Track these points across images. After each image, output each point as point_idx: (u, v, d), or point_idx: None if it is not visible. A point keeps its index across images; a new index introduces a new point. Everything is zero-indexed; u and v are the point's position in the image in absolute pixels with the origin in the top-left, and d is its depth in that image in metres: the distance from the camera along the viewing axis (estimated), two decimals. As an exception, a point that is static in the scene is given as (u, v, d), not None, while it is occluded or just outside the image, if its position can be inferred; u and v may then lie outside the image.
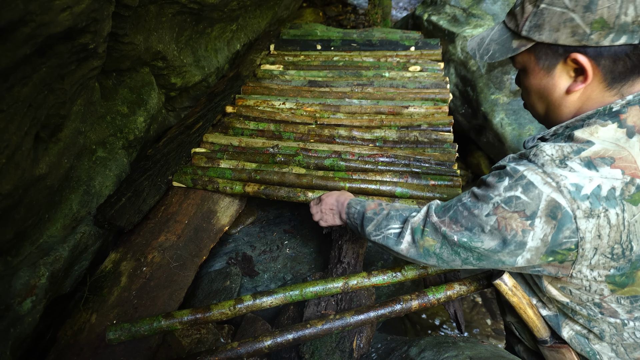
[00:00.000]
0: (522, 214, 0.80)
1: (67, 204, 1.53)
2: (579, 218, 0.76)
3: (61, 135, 1.36)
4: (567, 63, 0.82)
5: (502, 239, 0.84)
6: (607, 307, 0.89)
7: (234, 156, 1.87)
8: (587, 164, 0.78)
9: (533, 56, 0.86)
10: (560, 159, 0.80)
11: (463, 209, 0.91)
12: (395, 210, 1.11)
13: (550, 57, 0.83)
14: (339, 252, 1.66)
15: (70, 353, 1.26)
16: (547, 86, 0.87)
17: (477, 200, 0.88)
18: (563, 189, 0.77)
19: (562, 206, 0.77)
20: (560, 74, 0.84)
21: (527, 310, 1.03)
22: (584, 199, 0.76)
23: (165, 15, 1.98)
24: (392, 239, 1.05)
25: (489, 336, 2.44)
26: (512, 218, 0.81)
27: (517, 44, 0.87)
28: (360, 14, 4.74)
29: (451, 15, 3.33)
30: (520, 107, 3.04)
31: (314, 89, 2.35)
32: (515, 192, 0.81)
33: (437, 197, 1.63)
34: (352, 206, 1.24)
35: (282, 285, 1.89)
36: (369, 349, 1.42)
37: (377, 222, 1.11)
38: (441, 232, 0.93)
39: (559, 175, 0.78)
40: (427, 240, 0.97)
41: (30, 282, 1.30)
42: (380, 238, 1.08)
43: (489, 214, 0.84)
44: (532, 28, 0.82)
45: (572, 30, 0.78)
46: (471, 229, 0.88)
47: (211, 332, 1.51)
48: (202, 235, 1.67)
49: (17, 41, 0.91)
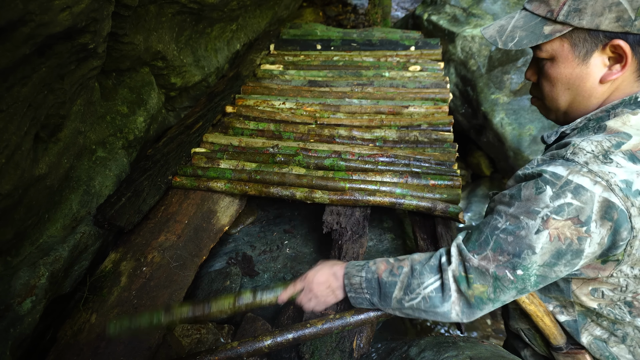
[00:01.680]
0: (575, 221, 0.74)
1: (67, 204, 1.53)
2: (634, 216, 0.72)
3: (61, 135, 1.36)
4: (605, 50, 0.78)
5: (556, 251, 0.76)
6: (638, 306, 0.85)
7: (234, 156, 1.87)
8: (630, 157, 0.74)
9: (567, 43, 0.80)
10: (603, 154, 0.75)
11: (505, 235, 0.80)
12: (418, 263, 0.94)
13: (589, 43, 0.78)
14: (339, 252, 1.65)
15: (70, 353, 1.26)
16: (581, 75, 0.81)
17: (518, 219, 0.79)
18: (614, 187, 0.72)
19: (617, 205, 0.72)
20: (596, 62, 0.79)
21: (544, 319, 0.98)
22: (637, 195, 0.72)
23: (165, 15, 1.98)
24: (435, 297, 0.88)
25: (489, 336, 2.43)
26: (565, 227, 0.75)
27: (551, 29, 0.80)
28: (360, 14, 4.74)
29: (451, 15, 3.33)
30: (520, 106, 3.03)
31: (314, 88, 2.35)
32: (565, 199, 0.74)
33: (437, 197, 1.63)
34: (353, 275, 1.00)
35: (282, 285, 1.89)
36: (369, 349, 1.42)
37: (403, 283, 0.93)
38: (490, 273, 0.82)
39: (608, 172, 0.73)
40: (476, 288, 0.84)
41: (30, 282, 1.30)
42: (419, 301, 0.90)
43: (539, 231, 0.76)
44: (570, 12, 0.77)
45: (617, 15, 0.74)
46: (520, 255, 0.78)
47: (211, 332, 1.51)
48: (202, 235, 1.67)
49: (16, 41, 0.91)
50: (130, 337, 1.31)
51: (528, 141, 2.98)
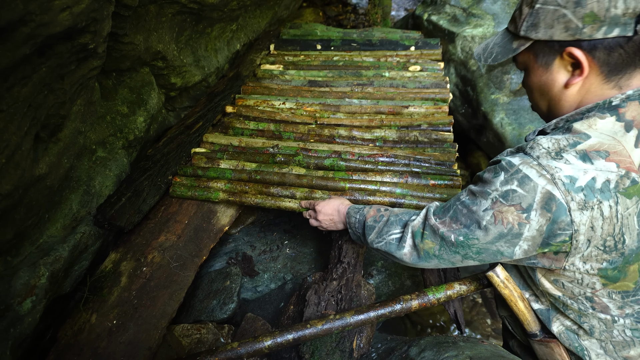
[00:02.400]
0: (518, 207, 0.82)
1: (67, 204, 1.53)
2: (573, 210, 0.78)
3: (61, 135, 1.36)
4: (564, 58, 0.84)
5: (498, 233, 0.86)
6: (599, 302, 0.90)
7: (234, 156, 1.87)
8: (582, 156, 0.79)
9: (532, 54, 0.90)
10: (556, 151, 0.81)
11: (462, 207, 0.93)
12: (394, 216, 1.12)
13: (548, 53, 0.87)
14: (339, 252, 1.66)
15: (70, 353, 1.26)
16: (547, 82, 0.90)
17: (475, 196, 0.90)
18: (557, 181, 0.78)
19: (557, 198, 0.78)
20: (558, 69, 0.87)
21: (518, 303, 1.04)
22: (578, 191, 0.77)
23: (165, 15, 1.98)
24: (393, 244, 1.07)
25: (489, 336, 2.44)
26: (508, 212, 0.83)
27: (517, 44, 0.90)
28: (360, 14, 4.73)
29: (451, 15, 3.33)
30: (520, 106, 3.04)
31: (314, 88, 2.34)
32: (512, 186, 0.83)
33: (437, 197, 1.63)
34: (351, 215, 1.26)
35: (282, 285, 1.89)
36: (369, 349, 1.42)
37: (378, 229, 1.13)
38: (439, 233, 0.95)
39: (554, 167, 0.79)
40: (426, 243, 0.99)
41: (30, 282, 1.30)
42: (382, 245, 1.10)
43: (487, 209, 0.86)
44: (529, 27, 0.86)
45: (565, 26, 0.81)
46: (468, 226, 0.90)
47: (211, 332, 1.51)
48: (202, 235, 1.67)
49: (16, 41, 0.91)
50: (130, 337, 1.32)
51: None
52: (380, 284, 1.90)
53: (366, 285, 1.56)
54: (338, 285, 1.52)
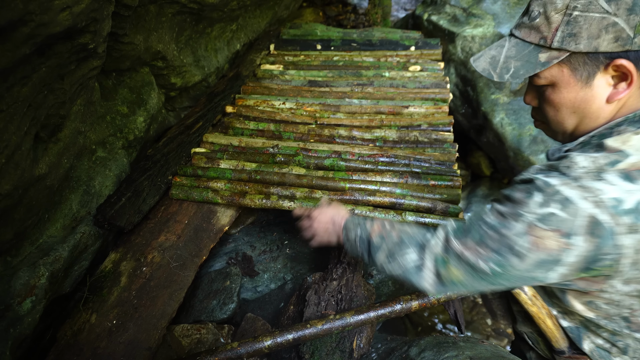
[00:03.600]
0: (560, 233, 0.74)
1: (67, 204, 1.53)
2: (620, 234, 0.72)
3: (61, 135, 1.36)
4: (608, 71, 0.77)
5: (537, 260, 0.77)
6: (636, 322, 0.86)
7: (234, 156, 1.87)
8: (624, 176, 0.73)
9: (567, 68, 0.80)
10: (596, 171, 0.75)
11: (488, 229, 0.82)
12: (405, 234, 1.00)
13: (590, 66, 0.78)
14: (339, 252, 1.66)
15: (70, 353, 1.26)
16: (586, 98, 0.81)
17: (505, 218, 0.80)
18: (602, 204, 0.72)
19: (603, 223, 0.72)
20: (600, 83, 0.79)
21: (546, 321, 0.99)
22: (625, 213, 0.72)
23: (165, 15, 1.98)
24: (411, 270, 0.94)
25: (489, 336, 2.44)
26: (548, 237, 0.75)
27: (547, 56, 0.80)
28: (360, 14, 4.73)
29: (451, 15, 3.33)
30: (520, 107, 3.03)
31: (314, 88, 2.34)
32: (551, 209, 0.74)
33: (437, 197, 1.62)
34: (350, 229, 1.12)
35: (282, 285, 1.89)
36: (369, 349, 1.42)
37: (388, 250, 1.00)
38: (465, 259, 0.85)
39: (598, 189, 0.73)
40: (452, 271, 0.87)
41: (30, 282, 1.30)
42: (396, 268, 0.97)
43: (521, 234, 0.77)
44: (565, 38, 0.77)
45: (615, 36, 0.73)
46: (499, 252, 0.80)
47: (211, 332, 1.51)
48: (202, 235, 1.67)
49: (16, 41, 0.91)
50: (130, 337, 1.32)
51: (528, 141, 2.98)
52: (380, 284, 1.90)
53: (366, 285, 1.56)
54: (338, 285, 1.52)
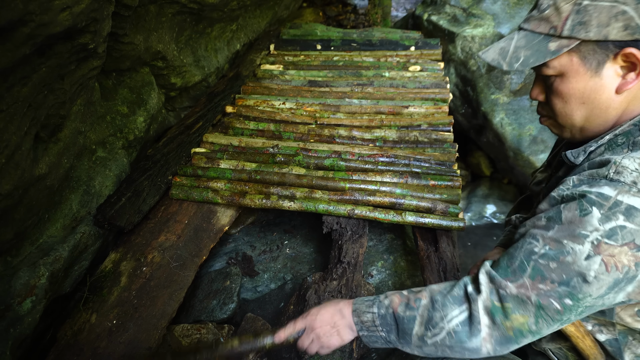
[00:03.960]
0: (632, 245, 0.69)
1: (67, 204, 1.53)
2: None
3: (61, 135, 1.36)
4: (617, 60, 0.76)
5: (614, 281, 0.71)
6: None
7: (234, 156, 1.87)
8: None
9: (577, 57, 0.79)
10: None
11: (547, 261, 0.74)
12: (439, 294, 0.85)
13: (599, 54, 0.77)
14: (339, 252, 1.66)
15: (70, 353, 1.26)
16: (595, 88, 0.79)
17: (562, 244, 0.74)
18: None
19: None
20: (609, 73, 0.78)
21: (585, 340, 0.94)
22: None
23: (165, 15, 1.98)
24: (462, 331, 0.80)
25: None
26: (621, 253, 0.70)
27: (557, 45, 0.79)
28: (360, 14, 4.73)
29: (451, 15, 3.33)
30: (520, 106, 3.03)
31: (314, 88, 2.35)
32: (617, 222, 0.70)
33: (437, 197, 1.62)
34: (363, 312, 0.90)
35: (282, 285, 1.89)
36: (369, 349, 1.42)
37: (424, 317, 0.83)
38: (532, 302, 0.75)
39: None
40: (515, 319, 0.76)
41: (30, 282, 1.30)
42: (443, 338, 0.81)
43: (590, 256, 0.71)
44: (575, 26, 0.76)
45: (625, 24, 0.72)
46: (568, 283, 0.73)
47: (211, 332, 1.51)
48: (202, 235, 1.67)
49: (16, 41, 0.91)
50: (130, 337, 1.32)
51: (528, 141, 2.98)
52: (380, 284, 1.90)
53: (366, 285, 1.56)
54: (338, 285, 1.52)
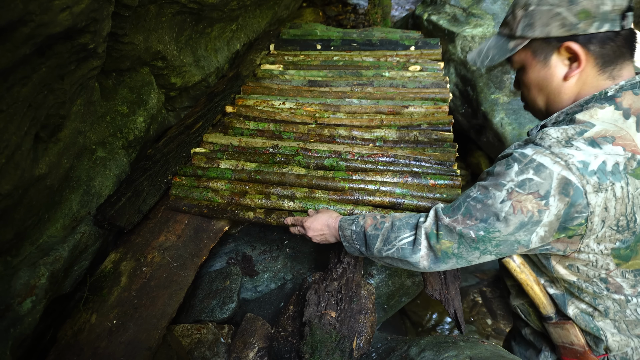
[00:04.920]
0: (536, 195, 0.84)
1: (67, 204, 1.53)
2: (589, 193, 0.81)
3: (61, 135, 1.36)
4: (561, 52, 0.91)
5: (519, 222, 0.87)
6: (613, 282, 0.93)
7: (234, 156, 1.87)
8: (590, 142, 0.83)
9: (530, 52, 0.96)
10: (566, 139, 0.85)
11: (475, 203, 0.93)
12: (398, 220, 1.10)
13: (545, 49, 0.93)
14: (339, 252, 1.66)
15: (70, 353, 1.26)
16: (546, 76, 0.95)
17: (487, 190, 0.91)
18: (572, 166, 0.82)
19: (573, 182, 0.81)
20: (556, 64, 0.93)
21: (534, 287, 1.06)
22: (592, 174, 0.81)
23: (165, 15, 1.98)
24: (407, 248, 1.04)
25: (489, 336, 2.44)
26: (527, 200, 0.85)
27: (514, 44, 0.97)
28: (360, 14, 4.73)
29: (451, 15, 3.33)
30: (520, 106, 3.04)
31: (313, 88, 2.35)
32: (528, 175, 0.85)
33: (437, 197, 1.62)
34: (345, 228, 1.20)
35: (282, 285, 1.89)
36: (369, 349, 1.42)
37: (383, 236, 1.09)
38: (457, 231, 0.95)
39: (567, 154, 0.83)
40: (443, 243, 0.98)
41: (30, 282, 1.30)
42: (393, 251, 1.06)
43: (504, 200, 0.87)
44: (525, 27, 0.93)
45: (561, 23, 0.87)
46: (486, 220, 0.90)
47: (211, 332, 1.51)
48: (202, 235, 1.67)
49: (16, 41, 0.91)
50: (130, 337, 1.32)
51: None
52: (380, 284, 1.90)
53: (366, 285, 1.56)
54: (338, 285, 1.52)
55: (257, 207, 1.64)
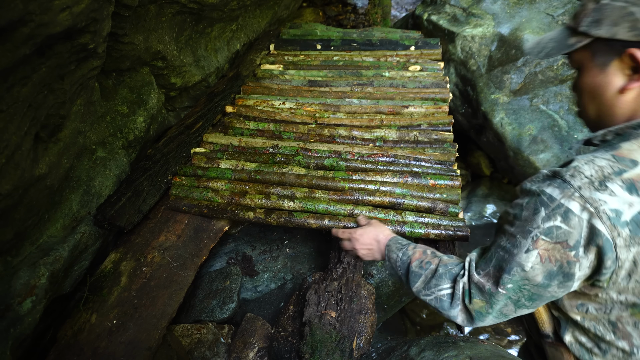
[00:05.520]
0: (564, 245, 0.77)
1: (67, 204, 1.53)
2: (620, 247, 0.73)
3: (61, 135, 1.36)
4: (623, 59, 0.80)
5: (547, 272, 0.80)
6: (622, 329, 0.86)
7: (234, 156, 1.87)
8: (629, 187, 0.74)
9: (589, 53, 0.85)
10: (600, 180, 0.75)
11: (504, 253, 0.85)
12: (443, 266, 1.02)
13: (607, 53, 0.82)
14: (339, 252, 1.66)
15: (71, 353, 1.26)
16: (601, 84, 0.84)
17: (515, 238, 0.84)
18: (602, 215, 0.73)
19: (603, 233, 0.73)
20: (615, 72, 0.82)
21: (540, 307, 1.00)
22: (624, 225, 0.73)
23: (165, 15, 1.98)
24: (445, 301, 0.98)
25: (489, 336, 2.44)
26: (554, 249, 0.78)
27: (575, 40, 0.86)
28: (360, 14, 4.73)
29: (451, 15, 3.33)
30: (520, 106, 3.03)
31: (313, 88, 2.35)
32: (555, 222, 0.77)
33: (437, 197, 1.62)
34: (392, 251, 1.15)
35: (282, 285, 1.89)
36: (369, 349, 1.42)
37: (426, 279, 1.03)
38: (486, 290, 0.88)
39: (598, 200, 0.74)
40: (475, 303, 0.91)
41: (30, 282, 1.30)
42: (431, 299, 1.00)
43: (529, 250, 0.80)
44: (591, 23, 0.82)
45: (631, 25, 0.77)
46: (509, 271, 0.83)
47: (211, 332, 1.51)
48: (202, 235, 1.67)
49: (16, 41, 0.91)
50: (130, 337, 1.32)
51: (528, 141, 2.98)
52: (380, 284, 1.90)
53: (366, 285, 1.56)
54: (338, 285, 1.52)
55: (257, 207, 1.64)
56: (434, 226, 1.56)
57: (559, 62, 2.73)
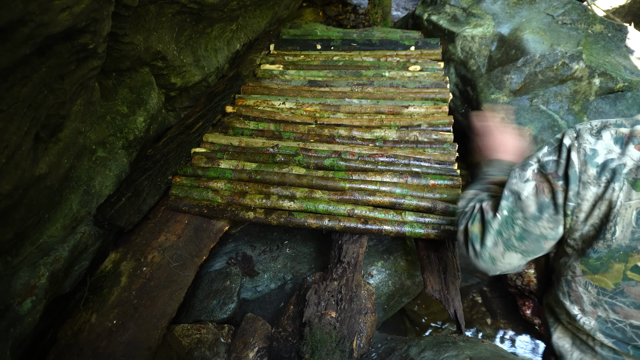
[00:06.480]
0: (554, 175, 0.82)
1: (67, 204, 1.53)
2: (583, 182, 0.78)
3: (61, 135, 1.36)
4: None
5: (540, 204, 0.84)
6: (575, 290, 0.87)
7: (234, 156, 1.87)
8: (617, 138, 0.78)
9: None
10: (599, 129, 0.80)
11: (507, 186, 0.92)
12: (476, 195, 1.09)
13: None
14: (339, 252, 1.66)
15: (71, 353, 1.26)
16: None
17: (515, 171, 0.90)
18: (580, 150, 0.79)
19: (574, 164, 0.79)
20: None
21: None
22: (594, 165, 0.77)
23: (165, 15, 1.98)
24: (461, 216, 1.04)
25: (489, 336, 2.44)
26: (547, 181, 0.83)
27: None
28: (360, 14, 4.73)
29: (451, 15, 3.33)
30: (520, 106, 3.03)
31: (313, 88, 2.35)
32: (552, 157, 0.83)
33: (437, 197, 1.62)
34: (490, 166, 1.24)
35: (282, 285, 1.89)
36: (369, 349, 1.42)
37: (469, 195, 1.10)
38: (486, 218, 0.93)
39: (585, 139, 0.80)
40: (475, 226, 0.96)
41: (30, 282, 1.30)
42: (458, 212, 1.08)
43: (528, 180, 0.86)
44: None
45: None
46: (507, 198, 0.89)
47: (211, 332, 1.51)
48: (202, 235, 1.67)
49: (16, 41, 0.91)
50: (130, 337, 1.32)
51: (528, 141, 2.98)
52: (380, 284, 1.90)
53: (366, 285, 1.56)
54: (338, 285, 1.52)
55: (257, 207, 1.64)
56: (434, 226, 1.56)
57: (559, 62, 2.73)
